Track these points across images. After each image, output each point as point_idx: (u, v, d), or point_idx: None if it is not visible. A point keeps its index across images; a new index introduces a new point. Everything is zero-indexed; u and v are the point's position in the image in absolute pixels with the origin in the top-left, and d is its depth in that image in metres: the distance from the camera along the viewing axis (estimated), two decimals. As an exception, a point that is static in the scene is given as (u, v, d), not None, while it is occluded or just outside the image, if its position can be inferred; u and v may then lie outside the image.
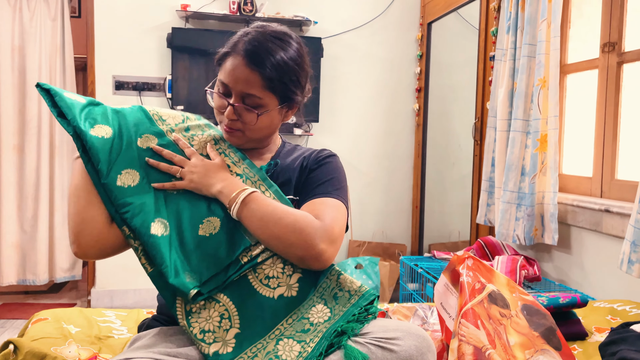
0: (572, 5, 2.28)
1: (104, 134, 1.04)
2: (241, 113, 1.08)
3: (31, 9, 3.22)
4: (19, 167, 3.26)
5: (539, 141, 2.13)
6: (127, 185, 1.02)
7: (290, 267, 1.02)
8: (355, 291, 1.02)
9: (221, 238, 1.02)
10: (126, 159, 1.04)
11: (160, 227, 1.00)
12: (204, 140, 1.13)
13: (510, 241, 2.25)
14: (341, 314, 0.99)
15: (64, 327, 1.29)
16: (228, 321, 0.98)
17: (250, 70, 1.04)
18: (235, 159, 1.13)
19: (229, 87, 1.07)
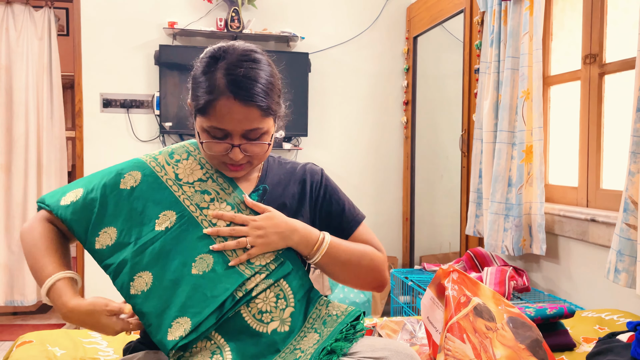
0: (553, 18, 2.31)
1: (72, 198, 1.03)
2: (247, 149, 1.02)
3: (18, 28, 3.22)
4: (6, 186, 3.24)
5: (524, 152, 2.15)
6: (105, 246, 1.00)
7: (283, 300, 1.01)
8: (342, 312, 1.02)
9: (215, 275, 0.97)
10: (102, 216, 1.02)
11: (141, 284, 0.97)
12: (189, 167, 1.08)
13: (499, 252, 2.25)
14: (328, 334, 0.98)
15: (49, 350, 1.28)
16: (221, 357, 0.95)
17: (247, 107, 0.97)
18: (225, 185, 1.07)
19: (227, 131, 1.00)
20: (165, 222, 1.01)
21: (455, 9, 2.88)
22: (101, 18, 3.19)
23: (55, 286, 0.95)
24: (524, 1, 2.16)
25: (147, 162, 1.08)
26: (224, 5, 3.27)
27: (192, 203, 1.04)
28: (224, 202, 1.05)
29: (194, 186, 1.06)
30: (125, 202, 1.03)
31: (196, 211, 1.03)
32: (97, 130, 3.21)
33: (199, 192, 1.05)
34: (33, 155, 3.26)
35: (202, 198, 1.05)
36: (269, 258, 1.02)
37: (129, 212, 1.02)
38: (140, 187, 1.04)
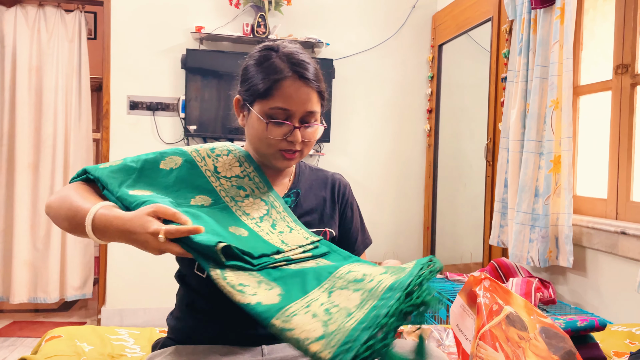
0: (583, 27, 2.29)
1: (111, 164, 1.05)
2: (304, 133, 1.06)
3: (49, 30, 3.29)
4: (34, 185, 3.30)
5: (552, 162, 2.12)
6: (140, 194, 0.97)
7: (325, 259, 0.98)
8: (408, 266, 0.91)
9: (252, 240, 0.94)
10: (140, 183, 1.02)
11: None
12: (228, 162, 1.10)
13: (524, 263, 2.22)
14: (402, 275, 0.83)
15: (78, 345, 1.29)
16: (267, 285, 0.84)
17: (309, 88, 1.05)
18: (260, 185, 1.09)
19: (289, 112, 1.04)
20: (200, 202, 1.02)
21: (483, 17, 2.87)
22: (130, 22, 3.24)
23: (100, 210, 0.90)
24: (554, 10, 2.14)
25: (188, 151, 1.10)
26: (251, 11, 3.30)
27: (228, 195, 1.05)
28: (259, 199, 1.06)
29: (231, 181, 1.07)
30: (162, 180, 1.03)
31: (231, 202, 1.04)
32: (123, 131, 3.26)
33: (235, 186, 1.07)
34: (60, 155, 3.31)
35: (238, 192, 1.06)
36: (304, 242, 0.99)
37: (164, 187, 1.02)
38: (179, 170, 1.05)
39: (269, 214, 1.05)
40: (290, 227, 1.04)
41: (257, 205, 1.05)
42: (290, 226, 1.04)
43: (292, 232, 1.02)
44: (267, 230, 1.00)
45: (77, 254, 3.38)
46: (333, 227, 1.16)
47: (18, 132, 3.23)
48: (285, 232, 1.02)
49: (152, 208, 0.87)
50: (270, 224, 1.02)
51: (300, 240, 1.00)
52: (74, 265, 3.37)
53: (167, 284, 1.89)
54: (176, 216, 0.86)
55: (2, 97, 3.26)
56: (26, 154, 3.26)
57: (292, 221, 1.05)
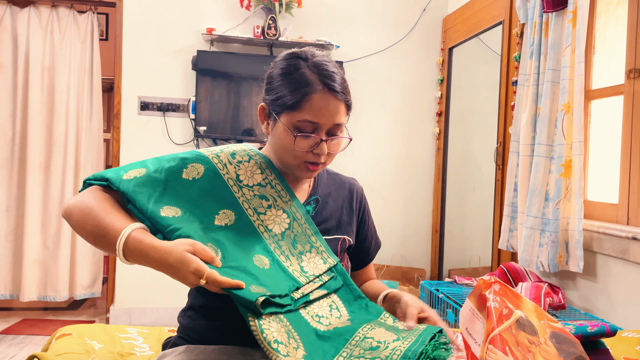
0: (595, 31, 2.28)
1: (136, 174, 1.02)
2: (330, 145, 1.06)
3: (62, 31, 3.32)
4: (45, 184, 3.33)
5: (563, 166, 2.11)
6: (171, 216, 0.97)
7: (337, 311, 1.01)
8: (418, 326, 1.00)
9: (273, 272, 0.97)
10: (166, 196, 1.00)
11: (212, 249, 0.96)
12: (249, 170, 1.09)
13: (533, 268, 2.21)
14: (413, 339, 0.93)
15: (88, 343, 1.30)
16: (294, 341, 0.90)
17: (339, 100, 1.04)
18: (282, 193, 1.09)
19: (318, 125, 1.03)
20: (224, 220, 1.02)
21: (494, 20, 2.86)
22: (141, 23, 3.26)
23: (132, 234, 0.90)
24: (566, 13, 2.13)
25: (209, 157, 1.08)
26: (262, 13, 3.32)
27: (250, 207, 1.05)
28: (281, 210, 1.07)
29: (253, 190, 1.07)
30: (186, 193, 1.02)
31: (253, 215, 1.04)
32: (134, 132, 3.28)
33: (258, 196, 1.06)
34: (71, 154, 3.34)
35: (260, 203, 1.06)
36: (321, 270, 1.03)
37: (190, 202, 1.01)
38: (202, 180, 1.04)
39: (290, 228, 1.06)
40: (310, 243, 1.06)
41: (279, 218, 1.06)
42: (311, 241, 1.06)
43: (311, 252, 1.06)
44: (287, 252, 1.03)
45: (86, 253, 3.40)
46: (350, 234, 1.19)
47: (30, 131, 3.26)
48: (305, 253, 1.05)
49: (191, 247, 0.89)
50: (291, 241, 1.05)
51: (318, 265, 1.04)
52: (83, 264, 3.39)
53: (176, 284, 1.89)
54: (214, 262, 0.90)
55: (15, 96, 3.29)
56: (38, 153, 3.29)
57: (313, 234, 1.08)
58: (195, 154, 1.08)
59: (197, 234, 0.95)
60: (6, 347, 2.84)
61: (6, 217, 3.29)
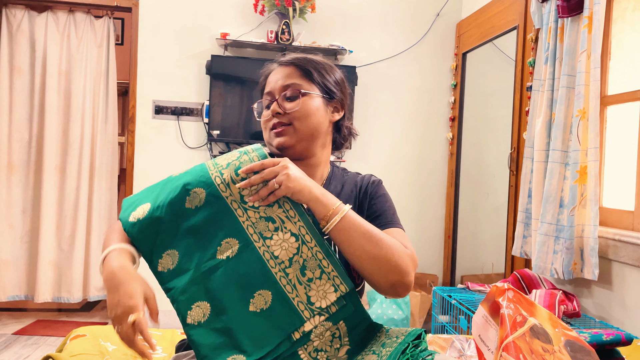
0: (612, 37, 2.25)
1: (139, 215, 1.03)
2: (283, 104, 1.12)
3: (79, 35, 3.37)
4: (60, 186, 3.37)
5: (578, 173, 2.09)
6: (166, 269, 1.00)
7: (338, 340, 0.98)
8: (402, 334, 0.99)
9: (273, 314, 0.95)
10: (166, 237, 1.02)
11: (199, 314, 0.96)
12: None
13: (547, 275, 2.19)
14: (388, 354, 0.94)
15: (102, 345, 1.31)
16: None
17: (285, 66, 1.15)
18: (290, 213, 1.03)
19: (271, 92, 1.14)
20: (226, 251, 0.99)
21: (508, 25, 2.85)
22: (157, 28, 3.30)
23: (111, 253, 0.99)
24: (582, 19, 2.12)
25: (212, 177, 1.04)
26: (275, 18, 3.33)
27: (256, 231, 1.01)
28: (289, 233, 1.01)
29: (259, 211, 1.02)
30: (188, 223, 1.01)
31: (259, 241, 1.00)
32: (148, 135, 3.31)
33: (264, 218, 1.01)
34: (87, 157, 3.38)
35: (267, 226, 1.01)
36: (330, 300, 0.98)
37: (192, 234, 1.01)
38: (205, 208, 1.02)
39: (299, 253, 1.00)
40: (321, 268, 0.99)
41: (286, 243, 1.00)
42: (322, 266, 1.00)
43: (322, 278, 0.99)
44: (294, 281, 0.98)
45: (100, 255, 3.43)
46: None
47: (46, 134, 3.31)
48: (314, 280, 0.99)
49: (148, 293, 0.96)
50: (299, 267, 0.99)
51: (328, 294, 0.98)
52: (97, 266, 3.42)
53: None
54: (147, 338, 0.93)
55: (32, 100, 3.34)
56: (54, 156, 3.33)
57: (324, 257, 1.00)
58: (198, 176, 1.04)
59: (190, 289, 0.97)
60: (20, 347, 2.88)
61: (22, 219, 3.34)
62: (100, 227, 3.43)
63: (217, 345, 0.93)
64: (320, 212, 1.00)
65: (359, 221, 1.01)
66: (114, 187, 3.50)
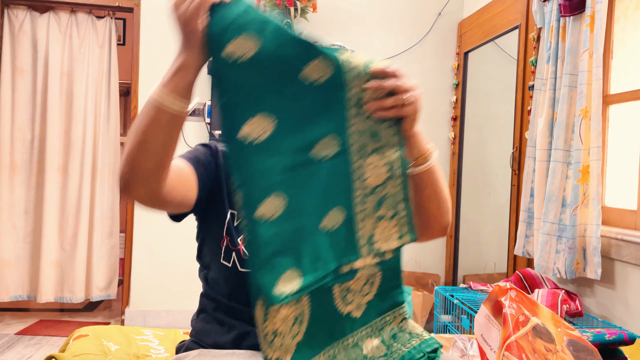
0: (614, 35, 2.25)
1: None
2: None
3: (81, 36, 3.37)
4: (62, 187, 3.38)
5: (580, 172, 2.08)
6: (251, 137, 0.81)
7: (369, 286, 0.96)
8: (417, 335, 0.98)
9: (337, 238, 0.88)
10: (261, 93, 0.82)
11: (271, 207, 0.81)
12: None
13: (550, 274, 2.18)
14: (401, 354, 0.93)
15: (104, 344, 1.32)
16: (298, 327, 0.87)
17: None
18: (394, 139, 0.93)
19: None
20: (323, 150, 0.86)
21: (510, 25, 2.85)
22: (158, 28, 3.30)
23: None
24: (584, 18, 2.11)
25: (342, 59, 0.87)
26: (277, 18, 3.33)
27: (358, 141, 0.90)
28: (385, 159, 0.92)
29: (371, 119, 0.90)
30: (295, 99, 0.84)
31: (355, 155, 0.90)
32: (150, 136, 3.31)
33: (371, 132, 0.90)
34: (89, 158, 3.38)
35: (370, 141, 0.90)
36: (391, 246, 0.94)
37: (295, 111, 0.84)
38: (325, 85, 0.85)
39: (384, 184, 0.92)
40: (396, 210, 0.93)
41: (378, 169, 0.91)
42: (397, 208, 0.93)
43: (392, 219, 0.93)
44: (368, 211, 0.91)
45: (102, 255, 3.44)
46: None
47: (49, 135, 3.31)
48: (384, 218, 0.93)
49: None
50: (377, 200, 0.92)
51: (391, 239, 0.93)
52: (99, 267, 3.43)
53: (191, 286, 1.91)
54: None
55: (35, 101, 3.35)
56: (56, 156, 3.34)
57: (402, 200, 0.94)
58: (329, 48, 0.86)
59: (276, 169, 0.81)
60: (23, 347, 2.88)
61: (24, 219, 3.34)
62: (103, 227, 3.44)
63: (277, 253, 0.81)
64: (421, 148, 0.97)
65: (438, 170, 1.03)
66: (116, 187, 3.50)
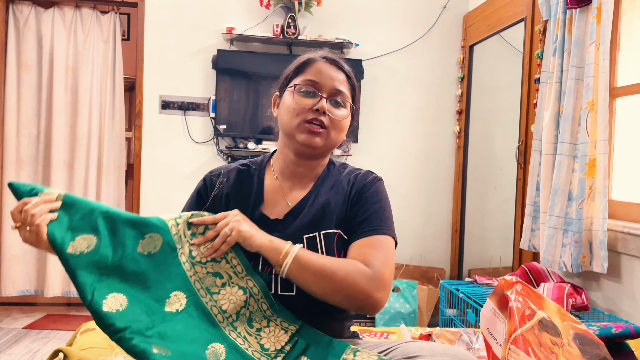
0: (621, 28, 2.23)
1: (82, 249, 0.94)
2: (331, 110, 1.12)
3: (85, 31, 3.38)
4: (68, 182, 3.39)
5: (587, 165, 2.07)
6: (114, 310, 0.90)
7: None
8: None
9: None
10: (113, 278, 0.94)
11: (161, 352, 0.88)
12: (203, 245, 1.05)
13: (556, 268, 2.18)
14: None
15: (111, 338, 1.32)
16: None
17: (337, 70, 1.15)
18: (238, 268, 1.05)
19: (319, 84, 1.12)
20: (175, 304, 0.98)
21: (516, 17, 2.83)
22: (163, 23, 3.30)
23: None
24: (591, 10, 2.09)
25: (169, 227, 1.04)
26: (281, 11, 3.32)
27: (203, 287, 1.01)
28: (236, 287, 1.03)
29: (207, 267, 1.03)
30: (137, 270, 0.97)
31: (206, 296, 1.00)
32: (155, 130, 3.32)
33: (211, 274, 1.03)
34: (94, 153, 3.39)
35: (214, 281, 1.02)
36: (283, 341, 1.01)
37: (140, 283, 0.96)
38: (159, 255, 1.00)
39: (246, 306, 1.03)
40: (267, 318, 1.04)
41: (234, 296, 1.02)
42: (267, 316, 1.04)
43: (269, 326, 1.03)
44: (244, 333, 1.00)
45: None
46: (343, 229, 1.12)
47: (54, 130, 3.32)
48: (262, 329, 1.02)
49: None
50: (246, 320, 1.02)
51: (280, 338, 1.01)
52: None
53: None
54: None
55: (40, 96, 3.35)
56: (62, 151, 3.35)
57: (268, 308, 1.04)
58: (158, 221, 1.02)
59: (141, 335, 0.89)
60: (31, 341, 2.91)
61: (31, 214, 3.35)
62: (109, 222, 3.45)
63: None
64: (272, 258, 1.03)
65: (311, 259, 1.03)
66: (121, 182, 3.51)
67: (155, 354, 0.86)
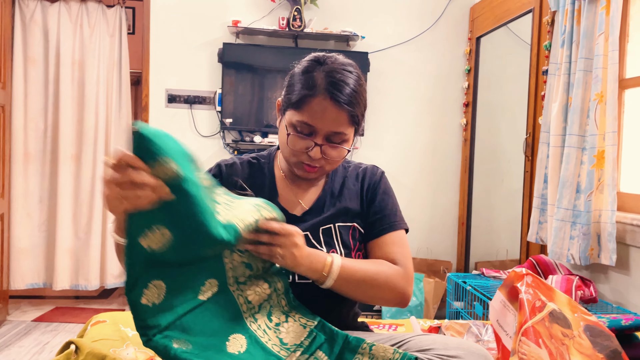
0: (630, 18, 2.21)
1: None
2: (326, 151, 1.08)
3: (91, 25, 3.38)
4: (76, 175, 3.40)
5: (595, 157, 2.06)
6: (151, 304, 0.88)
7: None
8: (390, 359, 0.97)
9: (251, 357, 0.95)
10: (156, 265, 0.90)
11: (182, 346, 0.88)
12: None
13: (564, 260, 2.17)
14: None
15: (122, 330, 1.33)
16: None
17: (339, 109, 1.05)
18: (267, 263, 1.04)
19: (315, 128, 1.06)
20: (207, 292, 0.97)
21: (523, 8, 2.80)
22: (168, 17, 3.30)
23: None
24: (599, 1, 2.07)
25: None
26: (287, 4, 3.31)
27: (233, 274, 1.00)
28: (262, 279, 1.03)
29: (244, 257, 1.01)
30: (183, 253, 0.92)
31: (233, 285, 1.00)
32: (161, 124, 3.33)
33: (244, 264, 1.01)
34: (101, 146, 3.41)
35: (244, 272, 1.01)
36: (302, 336, 1.02)
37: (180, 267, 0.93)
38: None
39: (268, 299, 1.03)
40: (285, 314, 1.04)
41: (260, 288, 1.02)
42: (285, 311, 1.05)
43: (288, 321, 1.04)
44: (264, 326, 1.01)
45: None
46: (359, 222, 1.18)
47: (61, 124, 3.33)
48: (281, 324, 1.03)
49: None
50: (267, 314, 1.02)
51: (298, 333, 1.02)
52: (113, 254, 3.46)
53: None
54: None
55: (47, 90, 3.36)
56: (69, 145, 3.36)
57: (287, 304, 1.05)
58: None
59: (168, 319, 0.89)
60: (40, 334, 2.93)
61: (39, 208, 3.38)
62: (116, 215, 3.47)
63: None
64: (314, 278, 1.05)
65: (352, 268, 1.06)
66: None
67: (176, 348, 0.86)
